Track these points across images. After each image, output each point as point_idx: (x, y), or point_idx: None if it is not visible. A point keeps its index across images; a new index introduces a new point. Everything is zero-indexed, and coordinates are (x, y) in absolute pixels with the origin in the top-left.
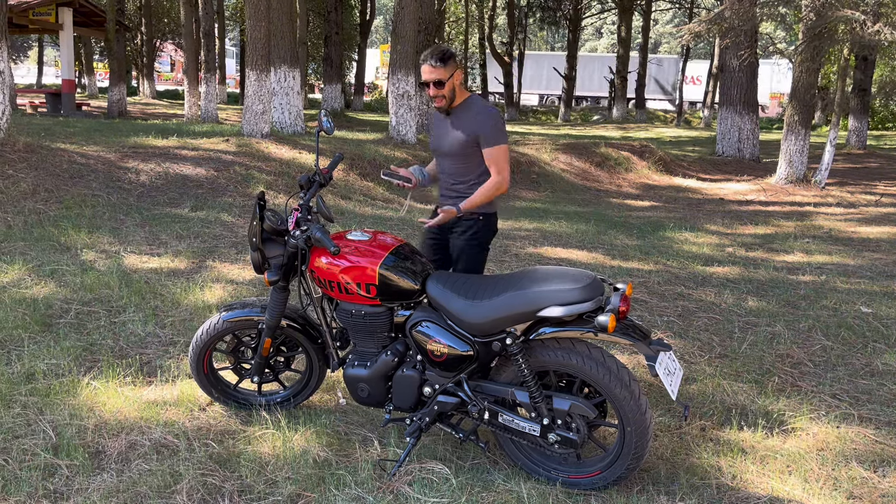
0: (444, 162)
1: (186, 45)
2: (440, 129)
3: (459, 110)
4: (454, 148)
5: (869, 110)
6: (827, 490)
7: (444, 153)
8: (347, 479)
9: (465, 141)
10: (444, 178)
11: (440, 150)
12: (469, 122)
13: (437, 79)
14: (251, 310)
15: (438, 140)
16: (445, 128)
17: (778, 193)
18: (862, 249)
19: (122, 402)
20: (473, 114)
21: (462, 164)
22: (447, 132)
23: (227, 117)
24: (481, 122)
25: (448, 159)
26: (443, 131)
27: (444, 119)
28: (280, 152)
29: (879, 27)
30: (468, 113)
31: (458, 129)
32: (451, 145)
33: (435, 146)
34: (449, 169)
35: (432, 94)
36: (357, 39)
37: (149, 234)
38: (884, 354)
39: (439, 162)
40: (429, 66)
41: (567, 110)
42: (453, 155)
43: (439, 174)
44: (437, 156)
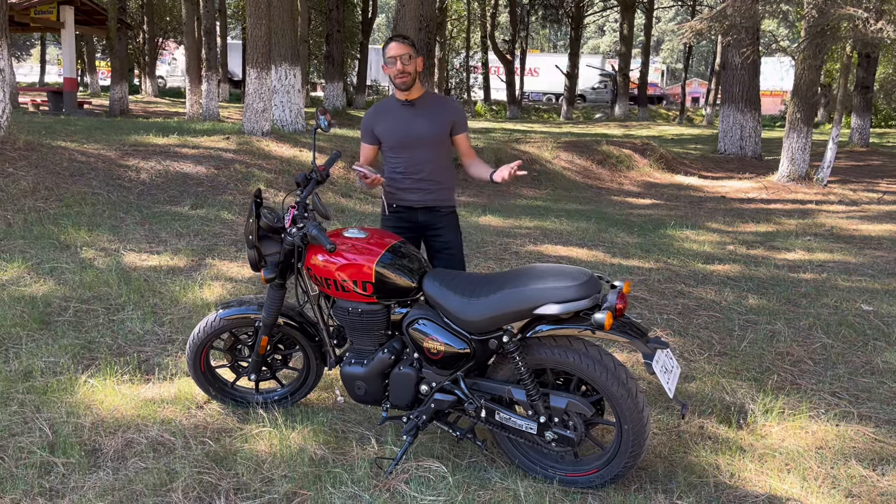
0: (417, 152)
1: (188, 43)
2: (405, 120)
3: (425, 100)
4: (434, 136)
5: (872, 108)
6: (825, 488)
7: (421, 143)
8: (344, 478)
9: (443, 127)
10: (410, 171)
11: (416, 139)
12: (442, 109)
13: (404, 53)
14: (248, 307)
15: (408, 130)
16: (413, 118)
17: (780, 191)
18: (863, 247)
19: (120, 400)
20: (444, 102)
21: (438, 152)
22: (419, 121)
23: (229, 115)
24: (455, 109)
25: (424, 149)
26: (411, 122)
27: (407, 110)
28: (280, 150)
29: (882, 25)
30: (437, 102)
31: (433, 117)
32: (430, 134)
33: (404, 137)
34: (424, 158)
35: (400, 69)
36: (359, 37)
37: (148, 232)
38: (884, 352)
39: (407, 153)
40: (397, 43)
41: (569, 108)
42: (433, 143)
43: (401, 168)
44: (404, 148)
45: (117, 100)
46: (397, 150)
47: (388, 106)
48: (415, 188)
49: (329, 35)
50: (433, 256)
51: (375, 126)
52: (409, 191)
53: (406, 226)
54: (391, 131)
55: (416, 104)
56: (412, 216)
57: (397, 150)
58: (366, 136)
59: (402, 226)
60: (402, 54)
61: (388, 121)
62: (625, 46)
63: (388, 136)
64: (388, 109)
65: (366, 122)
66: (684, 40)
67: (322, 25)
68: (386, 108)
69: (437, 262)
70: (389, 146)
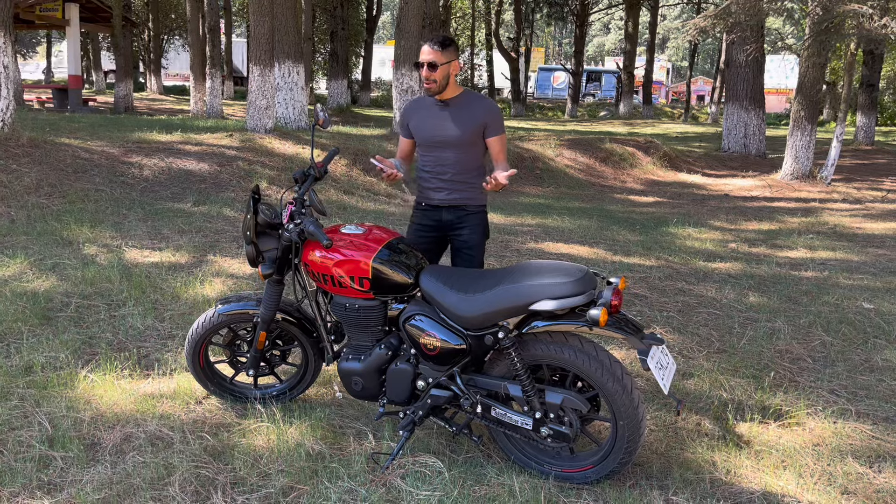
0: (443, 153)
1: (192, 40)
2: (435, 119)
3: (459, 100)
4: (462, 137)
5: (877, 106)
6: (821, 485)
7: (448, 143)
8: (340, 472)
9: (473, 129)
10: (437, 171)
11: (443, 139)
12: (475, 110)
13: (430, 60)
14: (247, 303)
15: (436, 130)
16: (443, 118)
17: (783, 189)
18: (866, 245)
19: (119, 395)
20: (478, 103)
21: (465, 154)
22: (448, 122)
23: (233, 113)
24: (488, 110)
25: (450, 150)
26: (441, 121)
27: (439, 110)
28: (283, 148)
29: (886, 21)
30: (471, 102)
31: (463, 119)
32: (458, 134)
33: (431, 136)
34: (449, 160)
35: (424, 76)
36: (364, 35)
37: (151, 229)
38: (884, 350)
39: (434, 152)
40: (428, 46)
41: (574, 106)
42: (460, 145)
43: (429, 167)
44: (432, 147)
45: (122, 97)
46: (426, 149)
47: (423, 103)
48: (440, 187)
49: (333, 33)
50: (453, 254)
51: (410, 120)
52: (434, 190)
53: (431, 223)
54: (421, 129)
55: (451, 104)
56: (437, 214)
57: (426, 149)
58: (403, 129)
59: (427, 223)
60: (430, 61)
61: (421, 118)
62: (630, 44)
63: (418, 133)
64: (424, 106)
65: (403, 114)
66: (688, 37)
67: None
68: (422, 105)
69: (456, 260)
70: (420, 143)
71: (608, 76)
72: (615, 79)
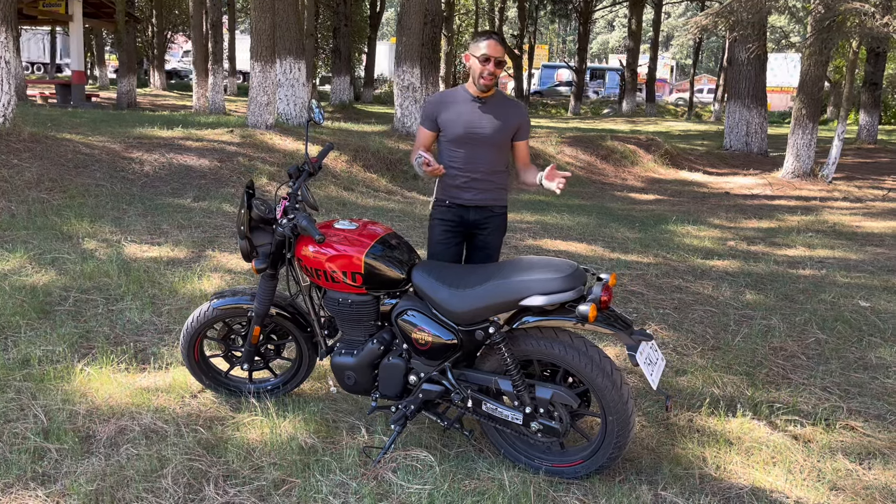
0: (477, 150)
1: (195, 36)
2: (472, 115)
3: (495, 100)
4: (498, 136)
5: (881, 105)
6: (810, 481)
7: (485, 140)
8: (332, 466)
9: (508, 130)
10: (474, 168)
11: (479, 137)
12: (510, 111)
13: (502, 57)
14: (241, 298)
15: (473, 126)
16: (481, 115)
17: (784, 187)
18: (865, 244)
19: (115, 389)
20: (512, 104)
21: (497, 154)
22: (486, 119)
23: (236, 109)
24: (521, 114)
25: (485, 147)
26: (478, 118)
27: (477, 106)
28: (284, 144)
29: (888, 20)
30: (506, 103)
31: (500, 117)
32: (494, 133)
33: (467, 132)
34: (483, 158)
35: (490, 71)
36: (367, 32)
37: (150, 224)
38: (878, 348)
39: (466, 148)
40: (496, 42)
41: (577, 103)
42: (495, 143)
43: (458, 164)
44: (465, 143)
45: (125, 93)
46: (458, 144)
47: (456, 96)
48: (469, 186)
49: (336, 29)
50: (469, 252)
51: (440, 114)
52: (462, 188)
53: (455, 220)
54: (455, 122)
55: (488, 102)
56: (463, 213)
57: (458, 144)
58: (427, 121)
59: (451, 219)
60: (499, 58)
61: (455, 111)
62: (633, 42)
63: (451, 126)
64: (456, 100)
65: (429, 107)
66: (690, 35)
67: (330, 20)
68: (454, 98)
69: (472, 257)
70: (450, 138)
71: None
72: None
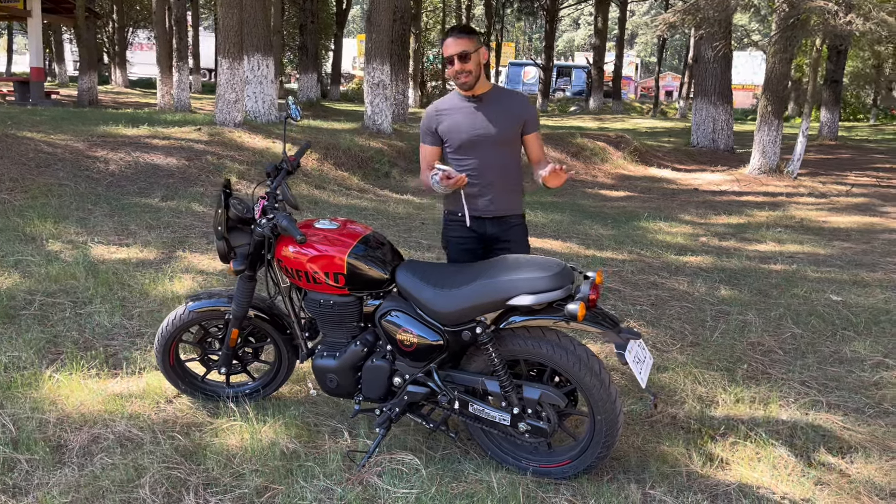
0: (486, 152)
1: (158, 32)
2: (471, 117)
3: (492, 96)
4: (505, 133)
5: (841, 102)
6: (795, 476)
7: (492, 140)
8: (316, 471)
9: (514, 126)
10: (483, 173)
11: (485, 137)
12: (513, 105)
13: (462, 50)
14: (218, 300)
15: (475, 129)
16: (480, 115)
17: (751, 184)
18: (832, 239)
19: (86, 395)
20: (513, 97)
21: (507, 154)
22: (486, 119)
23: (202, 106)
24: (525, 105)
25: (493, 148)
26: (478, 119)
27: (474, 108)
28: (253, 142)
29: (852, 17)
30: (506, 97)
31: (502, 114)
32: (500, 131)
33: (470, 136)
34: (495, 160)
35: (457, 70)
36: (334, 28)
37: (117, 224)
38: (853, 342)
39: (475, 153)
40: (453, 38)
41: (544, 101)
42: (504, 141)
43: (474, 169)
44: (471, 148)
45: (86, 90)
46: (464, 151)
47: (449, 103)
48: (483, 194)
49: (303, 26)
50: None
51: (439, 124)
52: (477, 197)
53: (472, 236)
54: (456, 129)
55: (483, 100)
56: (480, 226)
57: (464, 151)
58: (426, 136)
59: (469, 236)
60: (459, 52)
61: (452, 118)
62: (599, 40)
63: (452, 134)
64: (451, 106)
65: (426, 122)
66: (658, 33)
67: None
68: (448, 105)
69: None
70: (454, 147)
71: (578, 71)
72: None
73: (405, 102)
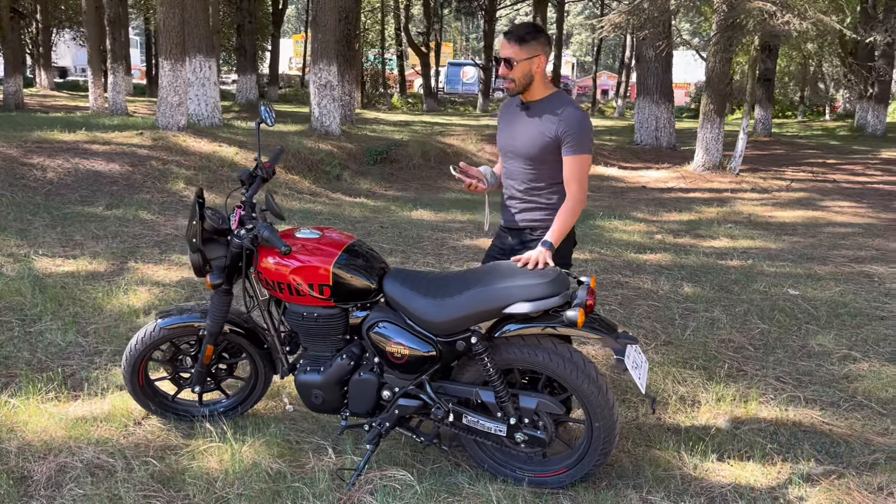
0: (513, 164)
1: (89, 33)
2: (513, 123)
3: (542, 105)
4: (532, 148)
5: (773, 99)
6: (785, 474)
7: (517, 153)
8: (305, 492)
9: (546, 142)
10: (511, 182)
11: (512, 149)
12: (553, 119)
13: (506, 56)
14: (190, 315)
15: (510, 137)
16: (520, 123)
17: (696, 180)
18: (781, 233)
19: (47, 421)
20: (559, 110)
21: (536, 168)
22: (523, 128)
23: (136, 110)
24: (568, 122)
25: (520, 161)
26: (517, 127)
27: (519, 112)
28: (199, 146)
29: (789, 18)
30: (553, 109)
31: (538, 127)
32: (527, 145)
33: (505, 144)
34: (519, 173)
35: (501, 74)
36: (270, 29)
37: (61, 235)
38: (817, 335)
39: (507, 162)
40: (504, 40)
41: (486, 101)
42: (529, 157)
43: (504, 178)
44: (506, 156)
45: (12, 93)
46: (502, 156)
47: (513, 102)
48: (507, 205)
49: (240, 26)
50: None
51: (499, 121)
52: (504, 208)
53: (500, 246)
54: (500, 132)
55: (532, 108)
56: (505, 238)
57: (502, 156)
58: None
59: (499, 246)
60: (506, 57)
61: (505, 119)
62: None
63: (498, 140)
64: (510, 108)
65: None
66: (604, 33)
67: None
68: (509, 106)
69: None
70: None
71: None
72: None
73: (352, 104)
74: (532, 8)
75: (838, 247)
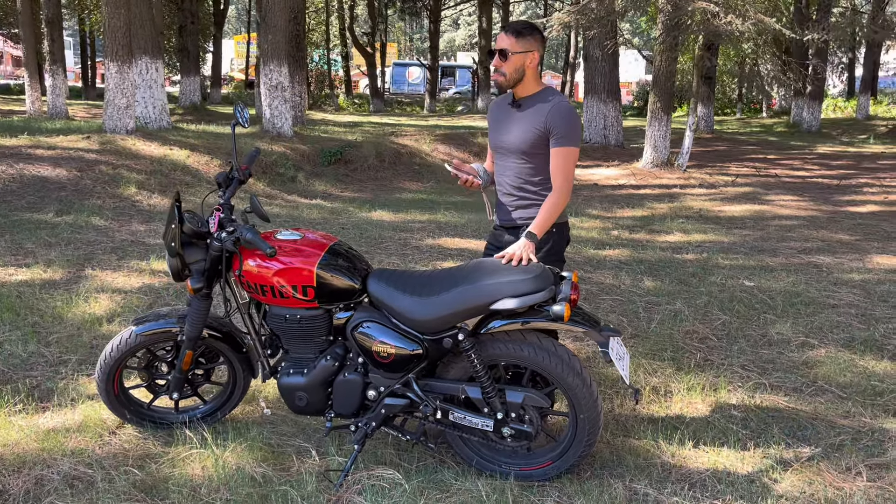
0: (507, 160)
1: (25, 35)
2: (504, 120)
3: (532, 101)
4: (523, 143)
5: (713, 97)
6: (758, 458)
7: (510, 149)
8: (292, 495)
9: (536, 135)
10: (505, 180)
11: (504, 145)
12: (542, 113)
13: (502, 47)
14: (167, 321)
15: (502, 133)
16: (512, 119)
17: (646, 177)
18: (731, 227)
19: (17, 434)
20: (548, 105)
21: (529, 162)
22: (514, 124)
23: (75, 113)
24: (556, 115)
25: (513, 157)
26: (508, 123)
27: (510, 109)
28: (149, 149)
29: (731, 18)
30: (542, 103)
31: (528, 122)
32: (519, 140)
33: (497, 140)
34: (513, 168)
35: (494, 65)
36: (212, 29)
37: (10, 243)
38: (776, 324)
39: (500, 160)
40: (501, 33)
41: (432, 101)
42: (521, 152)
43: (498, 176)
44: (498, 152)
45: None
46: (495, 153)
47: (504, 99)
48: (502, 202)
49: (182, 27)
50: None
51: (490, 118)
52: (499, 207)
53: (496, 245)
54: (490, 132)
55: (523, 104)
56: (500, 236)
57: (495, 153)
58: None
59: (492, 243)
60: (501, 48)
61: (494, 116)
62: (484, 40)
63: (489, 136)
64: (500, 105)
65: (488, 115)
66: (553, 32)
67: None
68: (500, 102)
69: None
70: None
71: (462, 71)
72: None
73: (303, 105)
74: (477, 8)
75: (786, 239)
